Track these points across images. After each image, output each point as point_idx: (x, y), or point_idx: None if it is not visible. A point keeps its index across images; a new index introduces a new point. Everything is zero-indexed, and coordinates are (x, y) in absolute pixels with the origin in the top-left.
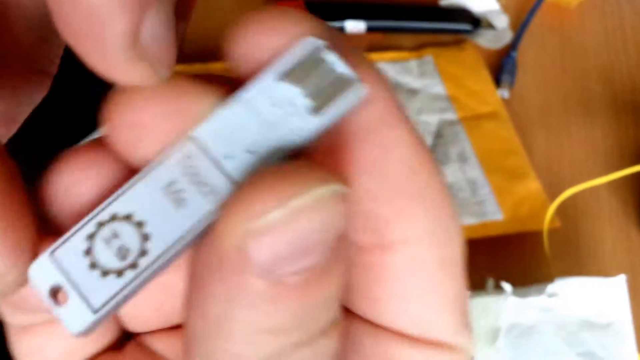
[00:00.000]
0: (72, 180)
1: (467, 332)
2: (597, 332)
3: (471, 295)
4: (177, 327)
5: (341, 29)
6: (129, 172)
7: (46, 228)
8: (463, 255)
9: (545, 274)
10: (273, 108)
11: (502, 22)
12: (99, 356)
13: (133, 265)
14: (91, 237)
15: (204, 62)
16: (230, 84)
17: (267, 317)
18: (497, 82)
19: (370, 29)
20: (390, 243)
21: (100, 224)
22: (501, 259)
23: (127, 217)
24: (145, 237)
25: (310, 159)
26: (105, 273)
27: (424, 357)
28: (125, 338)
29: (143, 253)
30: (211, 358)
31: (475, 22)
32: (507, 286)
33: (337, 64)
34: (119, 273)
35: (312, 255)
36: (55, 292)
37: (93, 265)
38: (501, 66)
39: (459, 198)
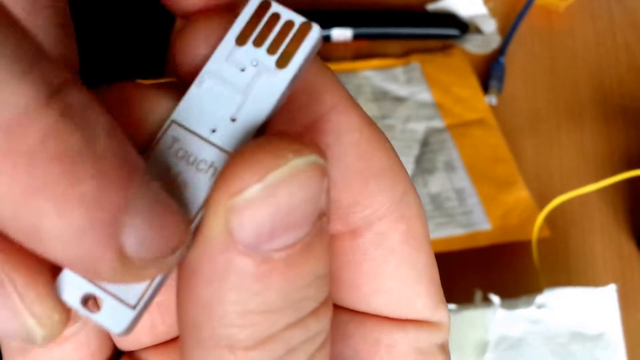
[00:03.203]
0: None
1: (444, 306)
2: (587, 344)
3: (459, 308)
4: (169, 342)
5: (328, 37)
6: None
7: None
8: (426, 227)
9: (534, 284)
10: (241, 73)
11: (490, 26)
12: None
13: None
14: None
15: None
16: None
17: (257, 297)
18: (485, 88)
19: (357, 36)
20: (356, 227)
21: None
22: (489, 270)
23: None
24: None
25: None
26: None
27: (409, 337)
28: (118, 353)
29: None
30: (206, 344)
31: (463, 27)
32: (495, 298)
33: (285, 12)
34: None
35: (295, 229)
36: (86, 301)
37: None
38: (489, 72)
39: (446, 208)
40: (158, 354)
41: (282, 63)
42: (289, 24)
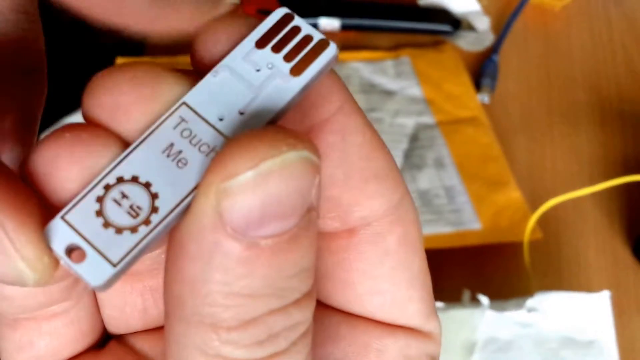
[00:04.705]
0: (56, 164)
1: (436, 318)
2: (579, 350)
3: (446, 306)
4: (160, 329)
5: (315, 27)
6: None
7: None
8: (421, 233)
9: (525, 287)
10: (256, 72)
11: (483, 23)
12: (83, 354)
13: (146, 222)
14: (100, 199)
15: (171, 56)
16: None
17: (242, 280)
18: (477, 86)
19: (344, 27)
20: (354, 226)
21: (108, 187)
22: (478, 271)
23: (134, 179)
24: (155, 196)
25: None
26: (119, 230)
27: (399, 343)
28: (107, 337)
29: (154, 210)
30: (189, 321)
31: (455, 23)
32: (484, 299)
33: (306, 27)
34: (133, 229)
35: (283, 220)
36: (70, 252)
37: (106, 224)
38: (482, 70)
39: (435, 205)
40: (148, 340)
41: (296, 71)
42: (307, 38)
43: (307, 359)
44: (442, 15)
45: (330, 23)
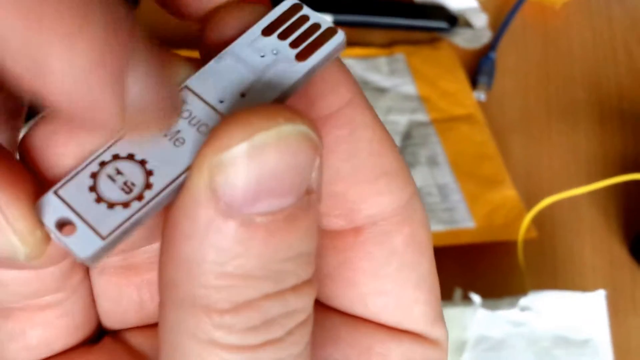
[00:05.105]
0: (53, 140)
1: (443, 325)
2: (572, 349)
3: None
4: (156, 325)
5: None
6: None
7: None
8: (430, 235)
9: (519, 286)
10: (261, 58)
11: (480, 20)
12: (76, 348)
13: (139, 197)
14: (95, 175)
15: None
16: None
17: (236, 260)
18: (474, 83)
19: (337, 24)
20: (360, 225)
21: (103, 163)
22: (471, 269)
23: (130, 156)
24: (149, 173)
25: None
26: (111, 205)
27: (403, 348)
28: (102, 333)
29: (148, 186)
30: (183, 304)
31: (452, 20)
32: (476, 297)
33: (314, 16)
34: (125, 205)
35: (279, 197)
36: (61, 226)
37: (99, 200)
38: (478, 67)
39: (427, 203)
40: (144, 336)
41: (301, 57)
42: (315, 26)
43: (305, 351)
44: (439, 12)
45: None
